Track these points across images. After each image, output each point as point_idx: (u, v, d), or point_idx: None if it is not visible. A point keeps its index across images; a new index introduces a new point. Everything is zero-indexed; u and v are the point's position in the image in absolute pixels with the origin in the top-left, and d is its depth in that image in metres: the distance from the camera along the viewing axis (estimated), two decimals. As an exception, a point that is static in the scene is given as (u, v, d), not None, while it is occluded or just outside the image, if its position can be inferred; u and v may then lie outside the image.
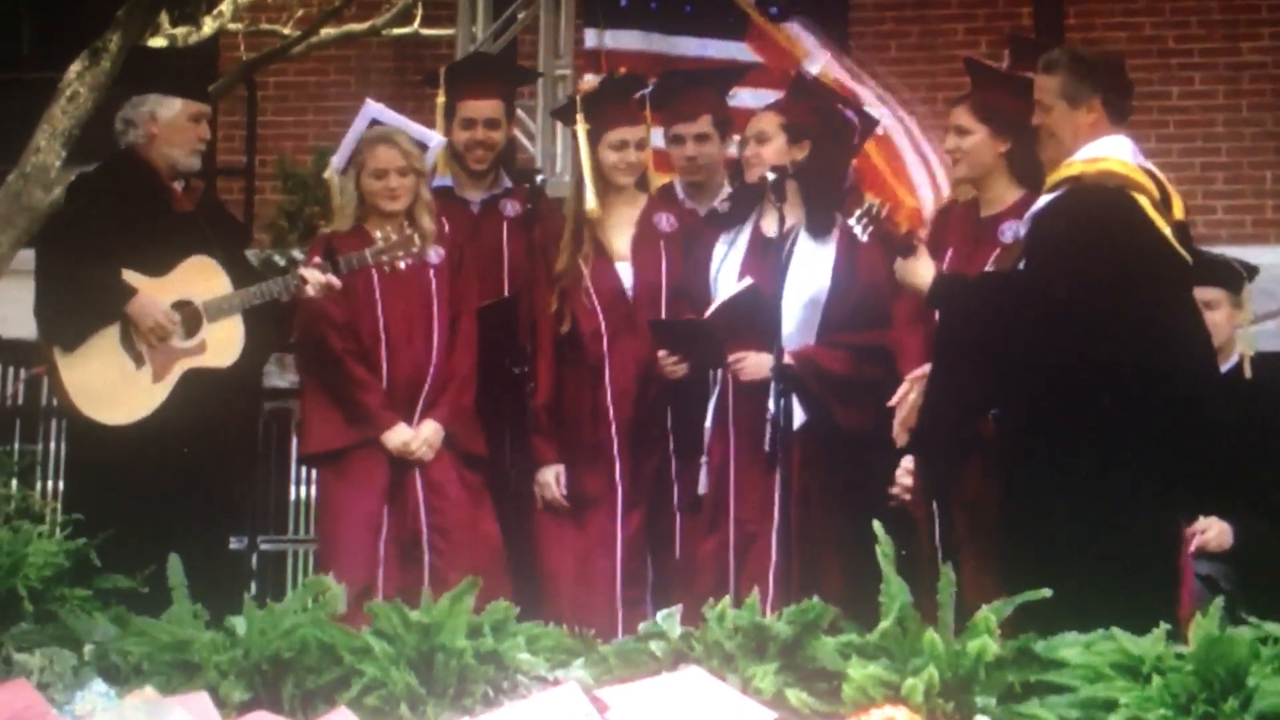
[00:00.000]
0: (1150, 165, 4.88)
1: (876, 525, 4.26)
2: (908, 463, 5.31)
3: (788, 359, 5.31)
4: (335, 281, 5.56)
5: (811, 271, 5.50)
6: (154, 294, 5.52)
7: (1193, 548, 5.47)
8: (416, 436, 5.67)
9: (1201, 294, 5.57)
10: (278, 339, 5.99)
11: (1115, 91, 4.88)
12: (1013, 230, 5.25)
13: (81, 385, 5.51)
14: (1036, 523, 4.67)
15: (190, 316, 5.56)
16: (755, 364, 5.38)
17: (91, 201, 5.68)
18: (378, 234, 5.61)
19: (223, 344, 5.57)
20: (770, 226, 5.40)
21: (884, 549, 4.17)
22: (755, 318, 5.32)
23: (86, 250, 5.51)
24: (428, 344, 5.74)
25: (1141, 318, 4.69)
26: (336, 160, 5.89)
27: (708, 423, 5.53)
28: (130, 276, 5.52)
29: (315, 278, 5.53)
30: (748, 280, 5.39)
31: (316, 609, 4.37)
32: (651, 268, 5.74)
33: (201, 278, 5.59)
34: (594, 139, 5.76)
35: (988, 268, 5.23)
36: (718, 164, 6.11)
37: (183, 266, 5.58)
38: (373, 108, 5.97)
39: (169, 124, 5.67)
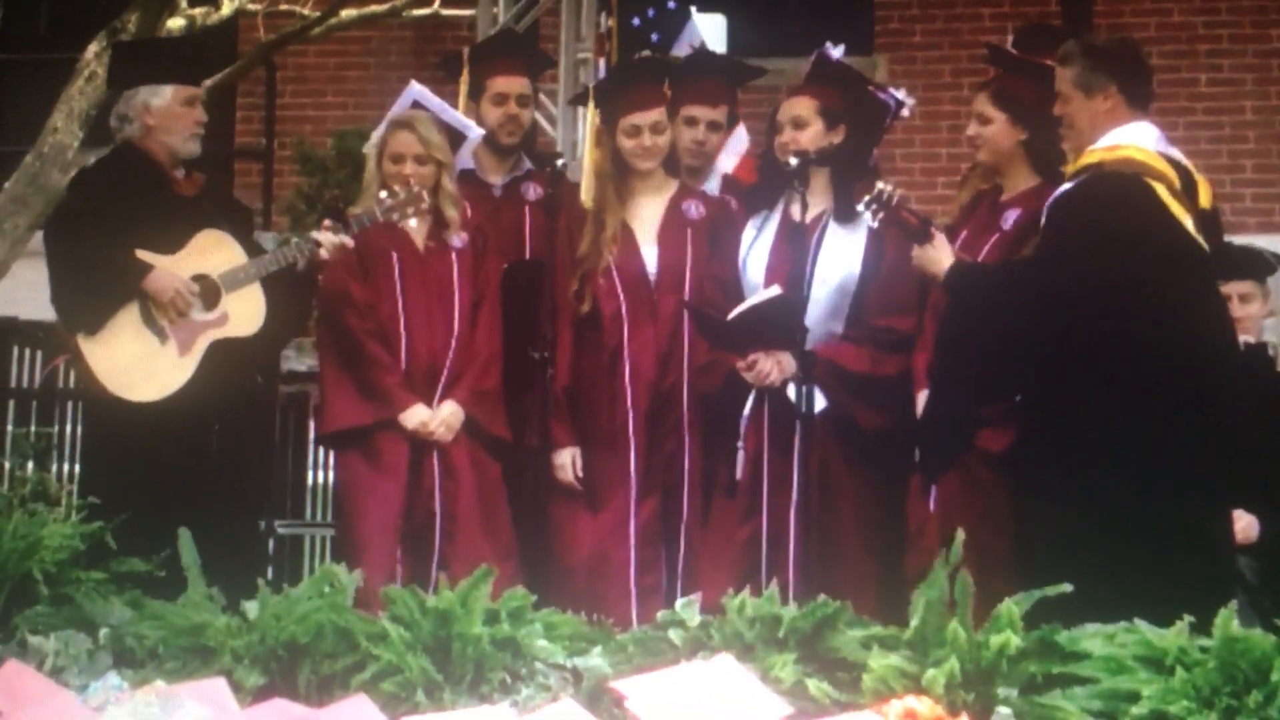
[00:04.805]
0: (1175, 153, 4.83)
1: None
2: None
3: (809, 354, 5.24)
4: (348, 241, 5.54)
5: (842, 258, 5.44)
6: (170, 268, 5.51)
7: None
8: (434, 417, 5.63)
9: (1237, 287, 5.55)
10: (299, 316, 5.98)
11: (1131, 77, 4.83)
12: (1014, 216, 5.25)
13: (109, 367, 5.49)
14: (1051, 516, 4.63)
15: (209, 289, 5.55)
16: (772, 366, 5.33)
17: (95, 190, 5.67)
18: (384, 193, 5.58)
19: (245, 313, 5.57)
20: (799, 212, 5.33)
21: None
22: (781, 324, 5.26)
23: (96, 234, 5.50)
24: (448, 326, 5.70)
25: (1155, 306, 4.65)
26: (374, 138, 5.88)
27: (746, 411, 5.46)
28: (143, 255, 5.51)
29: (328, 239, 5.52)
30: (775, 290, 5.32)
31: (333, 594, 4.35)
32: (676, 254, 5.66)
33: (215, 250, 5.58)
34: (610, 125, 5.69)
35: (984, 252, 5.22)
36: (715, 156, 6.07)
37: (194, 241, 5.57)
38: (416, 90, 5.93)
39: (163, 112, 5.66)
